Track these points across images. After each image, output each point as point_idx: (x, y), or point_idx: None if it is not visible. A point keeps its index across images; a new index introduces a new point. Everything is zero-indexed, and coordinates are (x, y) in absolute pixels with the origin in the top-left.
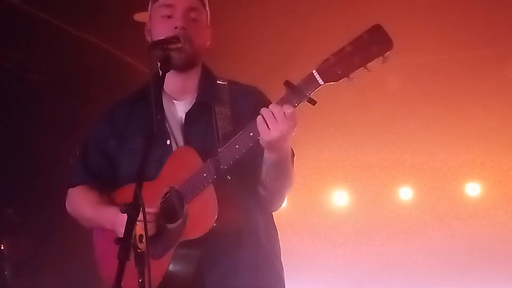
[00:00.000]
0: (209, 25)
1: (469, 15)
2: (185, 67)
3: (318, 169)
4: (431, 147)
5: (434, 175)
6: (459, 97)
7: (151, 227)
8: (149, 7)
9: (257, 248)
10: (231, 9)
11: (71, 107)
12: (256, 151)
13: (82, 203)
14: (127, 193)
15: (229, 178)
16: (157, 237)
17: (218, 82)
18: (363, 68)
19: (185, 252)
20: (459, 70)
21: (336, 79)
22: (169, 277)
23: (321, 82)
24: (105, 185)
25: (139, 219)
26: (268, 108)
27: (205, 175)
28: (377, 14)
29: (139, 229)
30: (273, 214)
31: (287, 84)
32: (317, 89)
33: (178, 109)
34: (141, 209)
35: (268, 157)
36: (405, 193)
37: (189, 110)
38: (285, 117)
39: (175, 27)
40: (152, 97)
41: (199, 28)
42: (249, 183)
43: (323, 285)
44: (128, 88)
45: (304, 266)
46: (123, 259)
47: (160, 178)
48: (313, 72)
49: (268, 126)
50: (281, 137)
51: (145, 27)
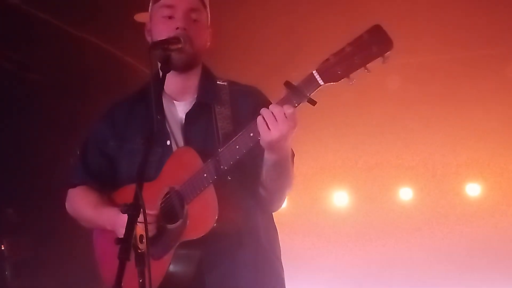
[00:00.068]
0: (209, 25)
1: (469, 15)
2: (185, 68)
3: (318, 170)
4: (431, 147)
5: (434, 175)
6: (459, 97)
7: (152, 228)
8: (149, 8)
9: (257, 248)
10: (231, 10)
11: (71, 107)
12: (256, 151)
13: (82, 203)
14: (127, 193)
15: (229, 178)
16: (157, 237)
17: (218, 82)
18: (363, 68)
19: (185, 252)
20: (459, 70)
21: (336, 79)
22: (169, 277)
23: (321, 82)
24: (105, 186)
25: (139, 219)
26: (268, 108)
27: (205, 175)
28: (377, 14)
29: (140, 230)
30: (273, 214)
31: (287, 84)
32: (317, 90)
33: (178, 109)
34: (142, 210)
35: (268, 157)
36: (405, 194)
37: (189, 110)
38: (286, 117)
39: (176, 28)
40: (152, 98)
41: (200, 28)
42: (249, 183)
43: (323, 285)
44: (128, 88)
45: (304, 266)
46: (123, 259)
47: (160, 178)
48: (313, 72)
49: (268, 126)
50: (282, 137)
51: (145, 28)
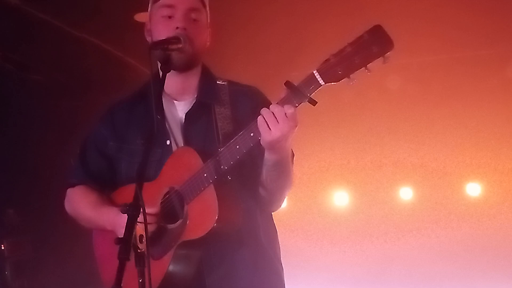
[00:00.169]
0: (209, 25)
1: (469, 15)
2: (185, 68)
3: (318, 169)
4: (431, 146)
5: (434, 175)
6: (459, 97)
7: (151, 228)
8: (149, 8)
9: (257, 248)
10: (231, 10)
11: (71, 107)
12: (256, 151)
13: (82, 203)
14: (127, 193)
15: (229, 178)
16: (157, 237)
17: (218, 82)
18: (363, 68)
19: (185, 252)
20: (459, 70)
21: (336, 79)
22: (169, 277)
23: (321, 82)
24: (104, 186)
25: (139, 219)
26: (268, 108)
27: (205, 175)
28: (377, 14)
29: (139, 230)
30: (273, 214)
31: (288, 84)
32: (317, 90)
33: (178, 109)
34: (142, 210)
35: (269, 157)
36: (406, 193)
37: (189, 110)
38: (286, 117)
39: (176, 28)
40: (152, 98)
41: (200, 28)
42: (249, 183)
43: (323, 285)
44: (128, 88)
45: (304, 266)
46: (123, 259)
47: (160, 178)
48: (314, 72)
49: (269, 126)
50: (282, 137)
51: (145, 28)
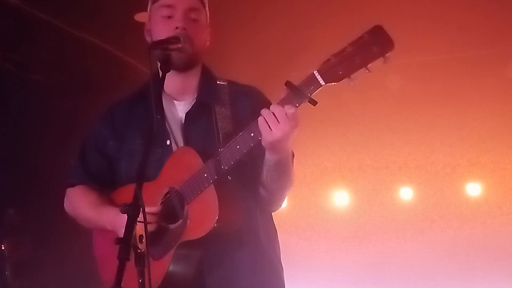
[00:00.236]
0: (208, 25)
1: (469, 15)
2: (185, 67)
3: (318, 169)
4: (432, 147)
5: (434, 175)
6: (459, 97)
7: (152, 228)
8: (148, 8)
9: (257, 248)
10: (231, 9)
11: (71, 107)
12: (256, 151)
13: (82, 203)
14: (126, 193)
15: (230, 178)
16: (157, 237)
17: (218, 82)
18: (364, 68)
19: (185, 252)
20: (459, 70)
21: (337, 79)
22: (169, 277)
23: (322, 82)
24: (104, 186)
25: (139, 219)
26: (268, 109)
27: (205, 175)
28: (377, 14)
29: (139, 230)
30: (273, 214)
31: (288, 84)
32: (318, 90)
33: (178, 109)
34: (141, 210)
35: (269, 158)
36: (406, 193)
37: (189, 110)
38: (287, 117)
39: (176, 28)
40: (152, 97)
41: (199, 28)
42: (249, 183)
43: (323, 285)
44: (128, 88)
45: (304, 266)
46: (123, 259)
47: (160, 178)
48: (314, 72)
49: (270, 127)
50: (284, 137)
51: (145, 28)
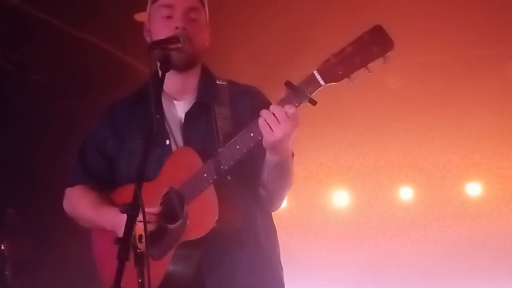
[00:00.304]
0: (208, 24)
1: (469, 15)
2: (185, 67)
3: (318, 169)
4: (432, 146)
5: (434, 175)
6: (459, 97)
7: (151, 228)
8: (147, 8)
9: (256, 248)
10: (231, 9)
11: (71, 107)
12: (256, 151)
13: (81, 203)
14: (126, 193)
15: (229, 178)
16: (157, 237)
17: (217, 82)
18: (363, 68)
19: (185, 252)
20: (459, 70)
21: (337, 79)
22: (169, 277)
23: (322, 82)
24: (104, 186)
25: (138, 219)
26: (268, 109)
27: (205, 175)
28: (377, 14)
29: (139, 229)
30: (272, 214)
31: (288, 84)
32: (318, 90)
33: (178, 109)
34: (141, 210)
35: (270, 158)
36: (406, 193)
37: (189, 110)
38: (287, 117)
39: (176, 28)
40: (152, 97)
41: (199, 28)
42: (249, 183)
43: (323, 285)
44: (127, 88)
45: (304, 266)
46: (122, 259)
47: (159, 178)
48: (314, 72)
49: (270, 127)
50: (285, 137)
51: (144, 28)
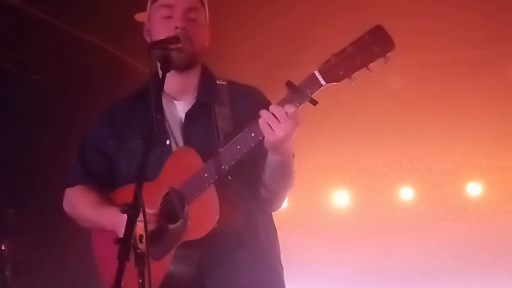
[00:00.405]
0: (208, 24)
1: (470, 15)
2: (185, 67)
3: (318, 169)
4: (432, 146)
5: (435, 174)
6: (459, 97)
7: (152, 228)
8: (147, 8)
9: (257, 248)
10: (231, 9)
11: (71, 107)
12: (256, 151)
13: (81, 203)
14: (126, 193)
15: (230, 178)
16: (157, 237)
17: (217, 82)
18: (364, 68)
19: (185, 252)
20: (459, 69)
21: (338, 79)
22: (169, 277)
23: (323, 82)
24: (104, 186)
25: (139, 219)
26: (268, 109)
27: (206, 175)
28: (378, 14)
29: (139, 230)
30: (273, 214)
31: (289, 84)
32: (318, 90)
33: (178, 109)
34: (141, 210)
35: (272, 159)
36: (406, 193)
37: (189, 110)
38: (287, 116)
39: (175, 28)
40: (152, 97)
41: (199, 28)
42: (249, 183)
43: (323, 285)
44: (127, 88)
45: (304, 266)
46: (123, 259)
47: (159, 178)
48: (315, 72)
49: (271, 127)
50: (286, 136)
51: (144, 27)
